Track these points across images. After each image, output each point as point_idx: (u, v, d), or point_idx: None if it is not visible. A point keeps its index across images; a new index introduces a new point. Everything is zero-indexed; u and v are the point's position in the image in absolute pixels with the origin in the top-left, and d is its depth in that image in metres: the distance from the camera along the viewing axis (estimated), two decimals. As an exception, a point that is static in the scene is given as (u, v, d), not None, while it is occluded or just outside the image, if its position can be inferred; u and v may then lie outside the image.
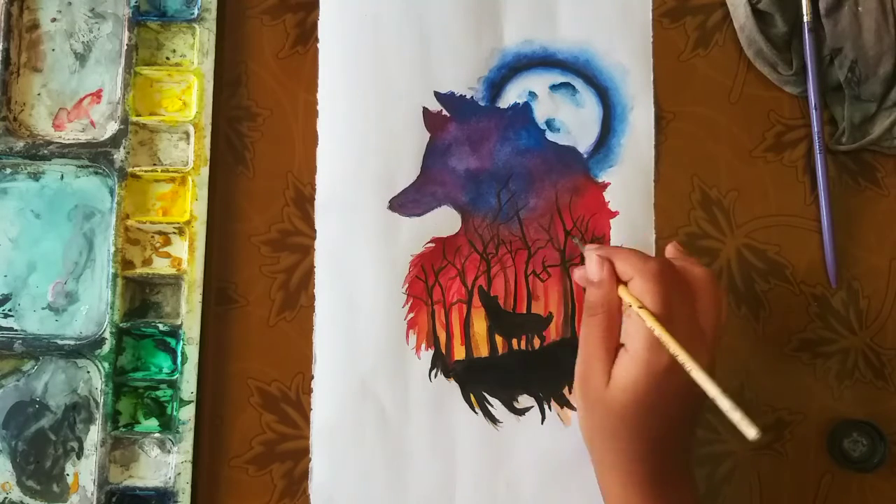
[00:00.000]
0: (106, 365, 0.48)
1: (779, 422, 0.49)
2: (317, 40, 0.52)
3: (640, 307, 0.41)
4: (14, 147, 0.50)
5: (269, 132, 0.52)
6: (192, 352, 0.49)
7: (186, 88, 0.52)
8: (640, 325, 0.41)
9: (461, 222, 0.51)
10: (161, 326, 0.49)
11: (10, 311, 0.50)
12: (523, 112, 0.52)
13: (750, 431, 0.36)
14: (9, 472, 0.49)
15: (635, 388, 0.41)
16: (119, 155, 0.50)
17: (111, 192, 0.51)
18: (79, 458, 0.49)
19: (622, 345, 0.42)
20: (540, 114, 0.52)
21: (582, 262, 0.51)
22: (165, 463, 0.49)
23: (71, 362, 0.50)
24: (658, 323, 0.40)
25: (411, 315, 0.50)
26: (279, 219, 0.51)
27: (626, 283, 0.43)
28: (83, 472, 0.49)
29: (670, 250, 0.46)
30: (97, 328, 0.50)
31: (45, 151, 0.50)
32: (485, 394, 0.50)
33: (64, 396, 0.50)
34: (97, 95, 0.52)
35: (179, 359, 0.49)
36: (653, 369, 0.41)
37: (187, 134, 0.51)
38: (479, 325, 0.50)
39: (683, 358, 0.39)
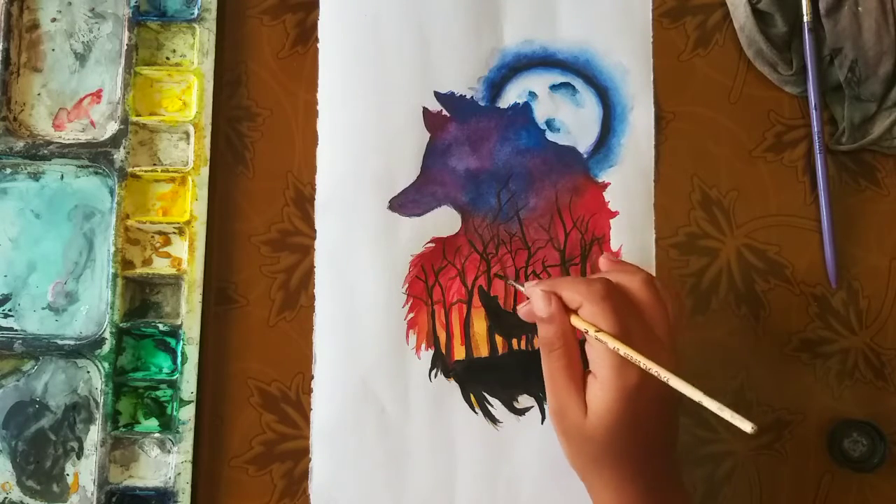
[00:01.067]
0: (106, 365, 0.48)
1: (779, 422, 0.49)
2: (317, 40, 0.52)
3: (598, 331, 0.40)
4: (14, 147, 0.50)
5: (269, 132, 0.52)
6: (192, 352, 0.49)
7: (186, 88, 0.52)
8: (601, 348, 0.40)
9: (461, 222, 0.51)
10: (161, 326, 0.49)
11: (10, 311, 0.50)
12: (523, 112, 0.52)
13: (745, 426, 0.36)
14: (9, 472, 0.49)
15: (611, 412, 0.40)
16: (119, 155, 0.50)
17: (111, 192, 0.51)
18: (79, 458, 0.49)
19: (588, 372, 0.42)
20: (540, 114, 0.52)
21: (582, 261, 0.51)
22: (165, 463, 0.49)
23: (71, 362, 0.50)
24: (619, 342, 0.40)
25: (411, 315, 0.50)
26: (279, 219, 0.51)
27: (575, 311, 0.42)
28: (83, 472, 0.49)
29: (604, 263, 0.46)
30: (97, 328, 0.50)
31: (45, 151, 0.50)
32: (485, 394, 0.50)
33: (64, 396, 0.50)
34: (97, 95, 0.52)
35: (179, 359, 0.49)
36: (625, 390, 0.40)
37: (187, 134, 0.51)
38: (479, 325, 0.50)
39: (657, 369, 0.39)
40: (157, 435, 0.49)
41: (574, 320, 0.42)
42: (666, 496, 0.43)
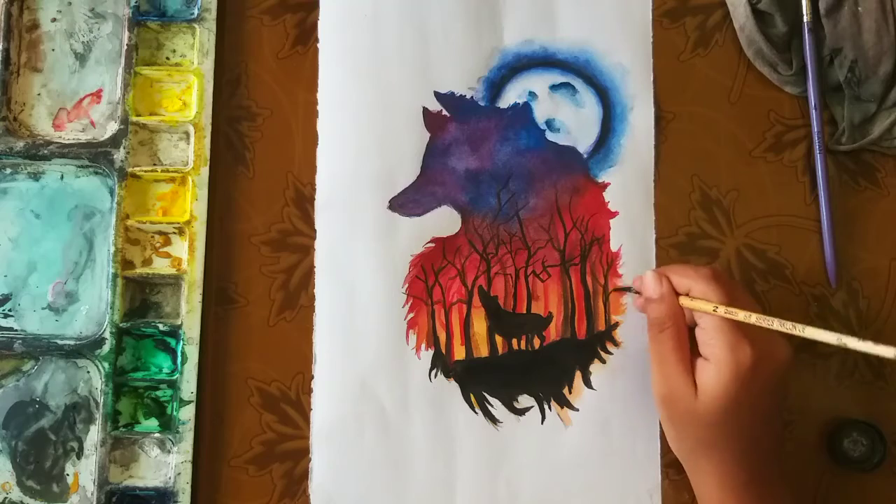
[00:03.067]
0: (106, 365, 0.48)
1: (779, 422, 0.49)
2: (317, 40, 0.52)
3: (713, 306, 0.42)
4: (14, 147, 0.50)
5: (269, 132, 0.52)
6: (192, 352, 0.49)
7: (186, 88, 0.52)
8: (715, 330, 0.42)
9: (461, 222, 0.51)
10: (161, 326, 0.49)
11: (10, 311, 0.50)
12: (523, 112, 0.52)
13: (888, 352, 0.37)
14: (9, 472, 0.49)
15: (727, 392, 0.41)
16: (119, 155, 0.50)
17: (111, 192, 0.51)
18: (79, 458, 0.49)
19: (697, 357, 0.43)
20: (540, 114, 0.52)
21: (582, 261, 0.51)
22: (165, 463, 0.49)
23: (71, 362, 0.50)
24: (736, 308, 0.41)
25: (411, 315, 0.50)
26: (279, 219, 0.51)
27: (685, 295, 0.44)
28: (83, 472, 0.49)
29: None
30: (97, 328, 0.50)
31: (45, 151, 0.50)
32: (485, 394, 0.50)
33: (64, 396, 0.50)
34: (97, 95, 0.52)
35: (179, 359, 0.49)
36: (740, 369, 0.41)
37: (187, 134, 0.51)
38: (479, 325, 0.50)
39: (789, 325, 0.40)
40: (157, 435, 0.49)
41: (684, 301, 0.44)
42: (769, 487, 0.43)
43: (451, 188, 0.51)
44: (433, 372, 0.50)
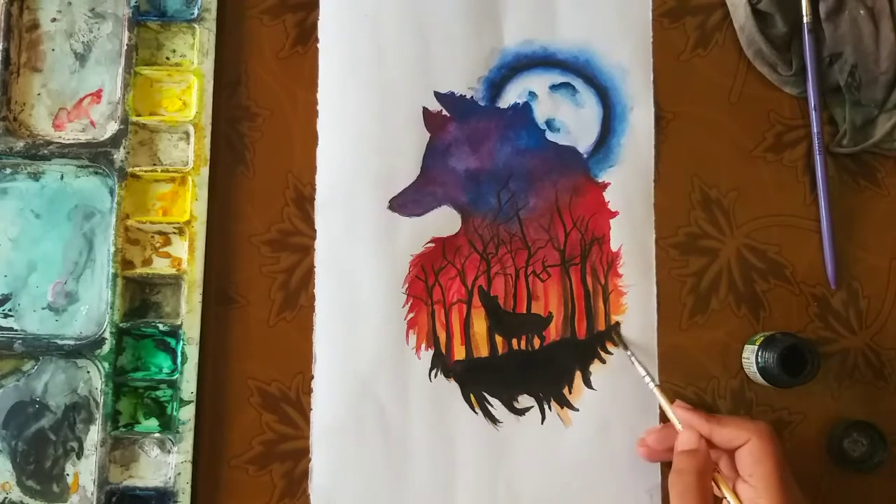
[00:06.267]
0: (106, 365, 0.48)
1: (779, 422, 0.49)
2: (317, 40, 0.52)
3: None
4: (14, 147, 0.50)
5: (269, 132, 0.52)
6: (192, 352, 0.49)
7: (186, 88, 0.52)
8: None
9: (461, 222, 0.51)
10: (161, 326, 0.49)
11: (10, 311, 0.50)
12: (523, 112, 0.52)
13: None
14: (9, 472, 0.49)
15: None
16: (119, 155, 0.50)
17: (111, 192, 0.51)
18: (79, 458, 0.49)
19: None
20: (540, 114, 0.52)
21: (582, 261, 0.51)
22: (165, 463, 0.49)
23: (71, 362, 0.50)
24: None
25: (411, 315, 0.50)
26: (279, 219, 0.51)
27: (732, 451, 0.44)
28: (83, 472, 0.49)
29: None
30: (97, 328, 0.50)
31: (45, 151, 0.50)
32: (485, 394, 0.50)
33: (64, 396, 0.50)
34: (97, 95, 0.52)
35: (179, 359, 0.49)
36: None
37: (187, 134, 0.51)
38: (479, 325, 0.50)
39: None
40: (157, 435, 0.49)
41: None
42: None
43: (451, 188, 0.51)
44: (433, 372, 0.50)
